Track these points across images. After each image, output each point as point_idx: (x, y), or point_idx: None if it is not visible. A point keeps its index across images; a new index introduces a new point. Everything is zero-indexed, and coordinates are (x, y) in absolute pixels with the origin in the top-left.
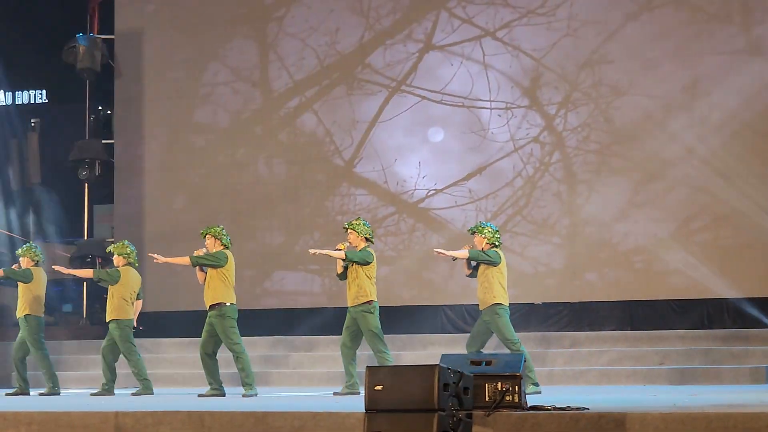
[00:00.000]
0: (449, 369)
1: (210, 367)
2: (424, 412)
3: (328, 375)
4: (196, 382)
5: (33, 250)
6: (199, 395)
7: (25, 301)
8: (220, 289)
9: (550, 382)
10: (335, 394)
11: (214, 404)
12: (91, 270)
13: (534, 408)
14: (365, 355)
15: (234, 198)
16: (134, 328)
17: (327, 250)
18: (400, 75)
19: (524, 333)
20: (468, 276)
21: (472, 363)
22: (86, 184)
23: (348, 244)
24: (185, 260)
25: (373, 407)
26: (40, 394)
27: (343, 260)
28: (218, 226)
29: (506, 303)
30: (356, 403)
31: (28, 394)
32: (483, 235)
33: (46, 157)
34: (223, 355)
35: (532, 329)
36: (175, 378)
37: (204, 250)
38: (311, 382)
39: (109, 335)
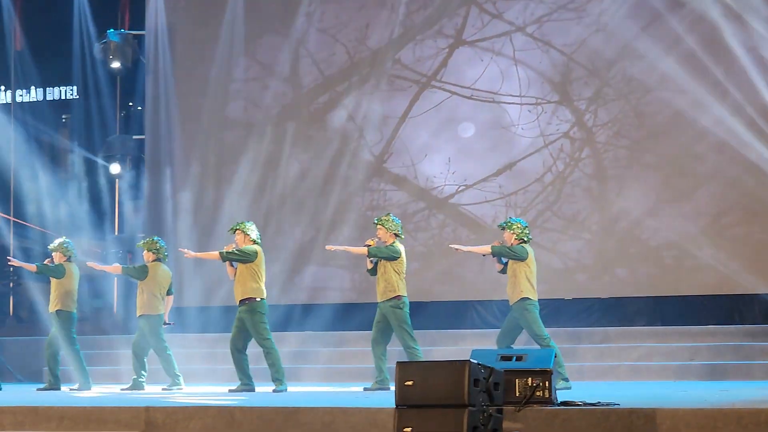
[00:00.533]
0: (480, 364)
1: (240, 362)
2: (455, 408)
3: (359, 371)
4: (225, 377)
5: (65, 245)
6: (230, 390)
7: (57, 296)
8: (250, 285)
9: (580, 378)
10: (366, 389)
11: (245, 399)
12: (120, 266)
13: (564, 403)
14: (396, 350)
15: (264, 193)
16: (165, 323)
17: (345, 246)
18: (429, 71)
19: (554, 328)
20: (500, 272)
21: (503, 358)
22: (116, 180)
23: (377, 239)
24: (215, 255)
25: (403, 403)
26: (71, 390)
27: (368, 256)
28: (248, 222)
29: (534, 298)
30: (387, 399)
31: (59, 389)
32: (512, 231)
33: (77, 153)
34: (253, 350)
35: (562, 325)
36: (205, 373)
37: (234, 245)
38: (341, 378)
39: (140, 330)
